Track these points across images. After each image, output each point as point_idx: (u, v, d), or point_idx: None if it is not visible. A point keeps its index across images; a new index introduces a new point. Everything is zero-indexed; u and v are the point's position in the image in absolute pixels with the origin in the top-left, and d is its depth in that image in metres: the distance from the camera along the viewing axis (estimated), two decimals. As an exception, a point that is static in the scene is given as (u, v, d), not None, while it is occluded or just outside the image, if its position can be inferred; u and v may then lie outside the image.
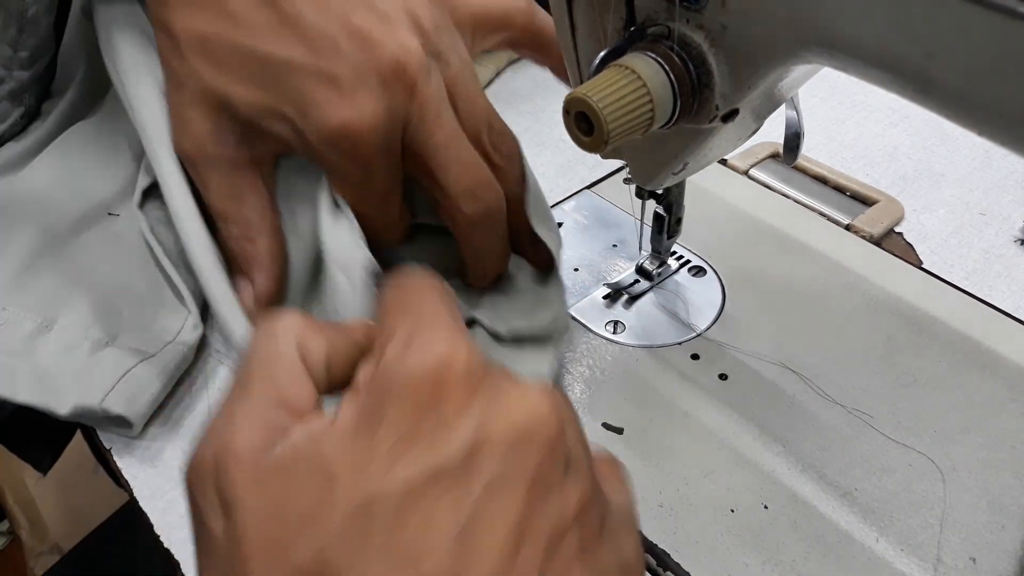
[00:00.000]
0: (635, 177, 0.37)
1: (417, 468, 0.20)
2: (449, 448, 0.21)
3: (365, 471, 0.20)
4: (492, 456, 0.21)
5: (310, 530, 0.20)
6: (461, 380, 0.22)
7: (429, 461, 0.20)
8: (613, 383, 0.39)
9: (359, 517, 0.20)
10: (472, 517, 0.20)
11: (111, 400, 0.35)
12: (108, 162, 0.45)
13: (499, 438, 0.21)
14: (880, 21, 0.23)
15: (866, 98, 0.59)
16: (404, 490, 0.20)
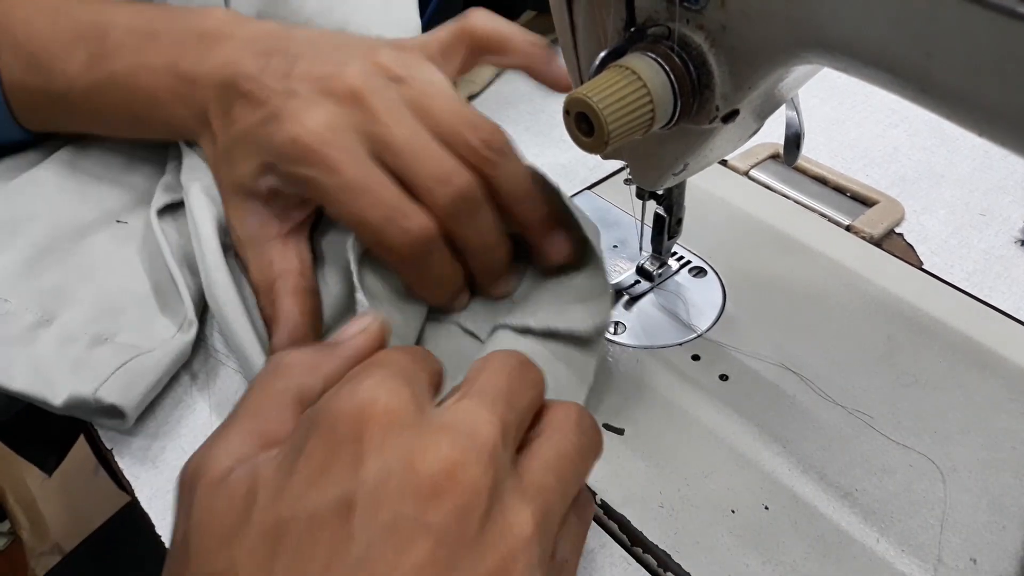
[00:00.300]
0: (635, 178, 0.37)
1: (324, 499, 0.22)
2: (354, 483, 0.22)
3: (279, 497, 0.22)
4: (398, 498, 0.22)
5: (228, 545, 0.22)
6: (381, 421, 0.23)
7: (336, 493, 0.22)
8: (614, 384, 0.39)
9: (268, 538, 0.22)
10: (369, 555, 0.21)
11: (105, 390, 0.35)
12: (120, 178, 0.46)
13: (407, 482, 0.22)
14: (880, 21, 0.23)
15: (866, 98, 0.59)
16: (309, 517, 0.22)
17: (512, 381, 0.27)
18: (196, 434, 0.38)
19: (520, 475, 0.24)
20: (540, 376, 0.28)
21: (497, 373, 0.27)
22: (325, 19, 0.47)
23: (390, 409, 0.23)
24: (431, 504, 0.22)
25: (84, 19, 0.42)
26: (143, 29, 0.41)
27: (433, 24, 0.54)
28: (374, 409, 0.23)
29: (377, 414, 0.23)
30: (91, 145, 0.47)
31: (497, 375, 0.27)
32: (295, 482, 0.23)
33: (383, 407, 0.23)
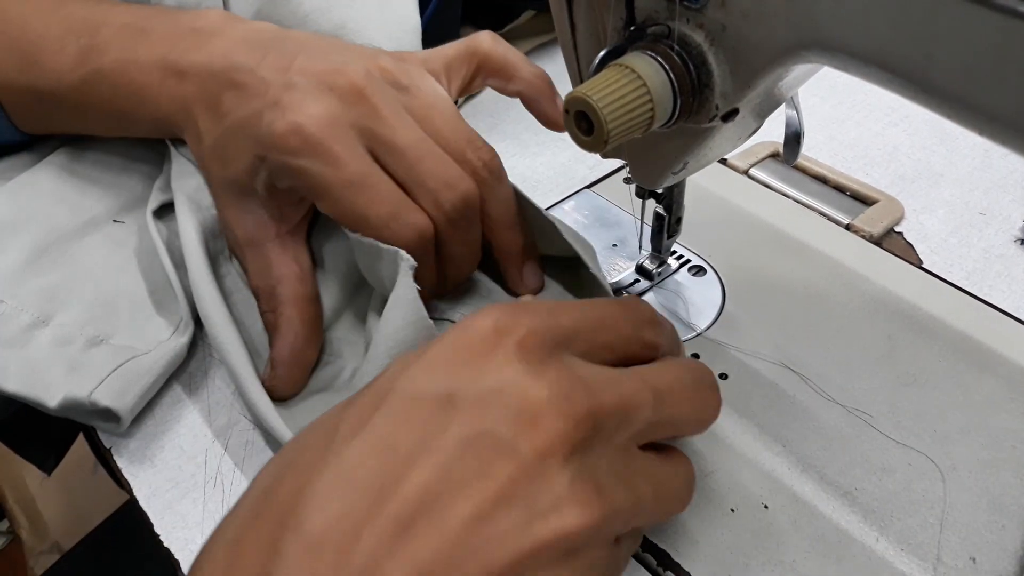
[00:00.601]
0: (635, 176, 0.37)
1: (432, 386, 0.24)
2: (464, 385, 0.24)
3: (401, 372, 0.25)
4: (498, 415, 0.23)
5: (346, 403, 0.26)
6: (510, 345, 0.25)
7: (445, 386, 0.24)
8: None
9: (375, 399, 0.24)
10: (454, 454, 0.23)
11: (100, 393, 0.35)
12: (116, 180, 0.46)
13: (512, 404, 0.23)
14: (880, 21, 0.23)
15: (866, 98, 0.59)
16: (412, 396, 0.24)
17: (684, 391, 0.28)
18: (194, 433, 0.38)
19: (622, 461, 0.25)
20: (715, 406, 0.29)
21: (675, 373, 0.28)
22: (323, 16, 0.46)
23: (527, 339, 0.25)
24: (525, 432, 0.23)
25: (77, 15, 0.42)
26: (135, 25, 0.41)
27: (433, 24, 0.54)
28: (513, 334, 0.25)
29: (514, 338, 0.25)
30: (88, 147, 0.47)
31: (673, 374, 0.28)
32: (417, 365, 0.25)
33: (520, 335, 0.25)
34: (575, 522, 0.23)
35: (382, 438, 0.23)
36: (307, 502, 0.22)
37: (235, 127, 0.36)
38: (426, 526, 0.22)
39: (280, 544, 0.22)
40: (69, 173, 0.45)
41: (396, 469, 0.23)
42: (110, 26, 0.41)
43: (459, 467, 0.23)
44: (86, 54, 0.40)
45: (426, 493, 0.22)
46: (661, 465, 0.27)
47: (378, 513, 0.22)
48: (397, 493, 0.22)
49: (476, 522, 0.22)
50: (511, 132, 0.56)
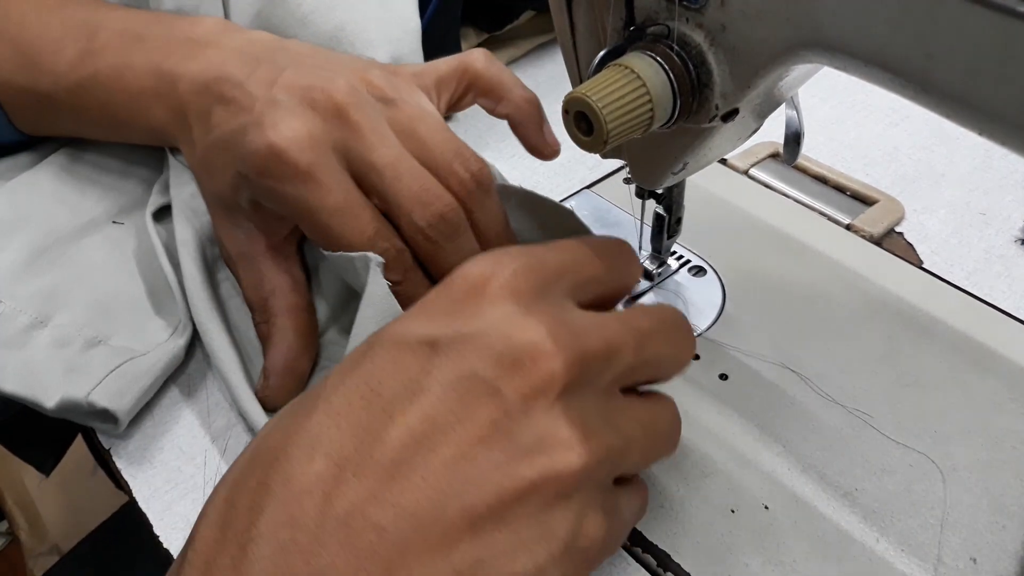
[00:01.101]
0: (635, 177, 0.37)
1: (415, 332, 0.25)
2: (448, 330, 0.24)
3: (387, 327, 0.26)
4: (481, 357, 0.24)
5: None
6: (496, 289, 0.25)
7: (428, 331, 0.24)
8: (613, 383, 0.39)
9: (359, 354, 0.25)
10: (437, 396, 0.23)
11: (98, 394, 0.35)
12: (116, 181, 0.46)
13: (495, 346, 0.24)
14: (880, 21, 0.23)
15: (866, 98, 0.59)
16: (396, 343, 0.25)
17: (663, 332, 0.28)
18: (193, 434, 0.38)
19: (608, 403, 0.26)
20: (690, 348, 0.30)
21: (652, 316, 0.28)
22: (323, 18, 0.46)
23: (511, 284, 0.25)
24: (508, 375, 0.23)
25: (76, 18, 0.42)
26: (132, 31, 0.40)
27: (433, 25, 0.54)
28: (497, 279, 0.25)
29: (498, 284, 0.25)
30: (87, 149, 0.47)
31: (651, 317, 0.28)
32: (406, 314, 0.26)
33: (504, 280, 0.25)
34: (562, 463, 0.23)
35: (368, 382, 0.24)
36: (296, 445, 0.23)
37: (220, 142, 0.36)
38: (410, 471, 0.22)
39: (269, 487, 0.22)
40: (68, 174, 0.46)
41: (381, 414, 0.23)
42: (107, 30, 0.41)
43: (443, 410, 0.23)
44: (83, 57, 0.40)
45: (411, 438, 0.22)
46: (646, 406, 0.28)
47: (364, 459, 0.22)
48: (382, 439, 0.22)
49: (459, 464, 0.22)
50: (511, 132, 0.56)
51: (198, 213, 0.41)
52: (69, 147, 0.47)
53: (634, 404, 0.27)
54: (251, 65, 0.37)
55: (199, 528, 0.23)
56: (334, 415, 0.23)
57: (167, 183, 0.43)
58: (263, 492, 0.22)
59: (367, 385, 0.24)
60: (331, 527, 0.21)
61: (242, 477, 0.23)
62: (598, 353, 0.25)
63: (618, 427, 0.25)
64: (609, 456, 0.24)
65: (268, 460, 0.23)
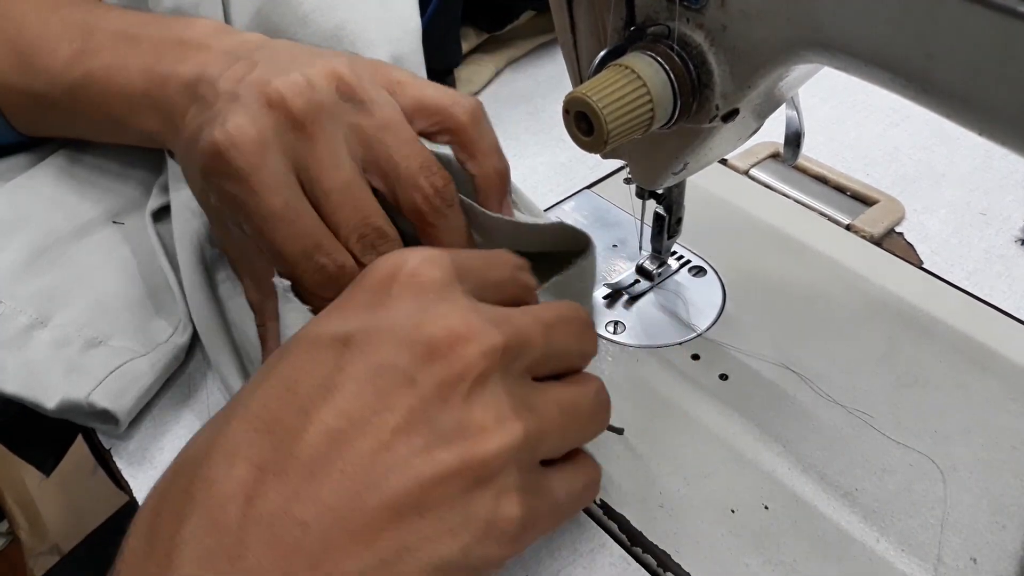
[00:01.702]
0: (635, 177, 0.37)
1: (329, 329, 0.25)
2: (360, 324, 0.25)
3: (304, 328, 0.26)
4: (394, 347, 0.24)
5: None
6: (406, 280, 0.25)
7: (341, 327, 0.25)
8: (613, 383, 0.39)
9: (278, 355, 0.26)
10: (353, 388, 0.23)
11: (97, 394, 0.35)
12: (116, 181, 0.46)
13: (408, 336, 0.24)
14: (880, 21, 0.23)
15: (866, 98, 0.59)
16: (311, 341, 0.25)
17: (567, 324, 0.28)
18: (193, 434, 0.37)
19: (522, 388, 0.26)
20: (594, 338, 0.30)
21: (555, 310, 0.29)
22: (323, 17, 0.46)
23: (419, 274, 0.26)
24: (423, 363, 0.24)
25: (73, 18, 0.42)
26: (127, 32, 0.40)
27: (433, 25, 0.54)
28: (405, 270, 0.26)
29: (405, 274, 0.26)
30: (86, 150, 0.47)
31: (554, 311, 0.28)
32: (319, 315, 0.26)
33: (412, 270, 0.26)
34: (479, 448, 0.23)
35: (284, 383, 0.24)
36: (217, 452, 0.23)
37: (187, 141, 0.35)
38: (329, 466, 0.22)
39: (192, 494, 0.22)
40: (68, 175, 0.46)
41: (298, 413, 0.23)
42: (103, 31, 0.41)
43: (358, 404, 0.23)
44: (78, 57, 0.40)
45: (328, 434, 0.23)
46: (565, 388, 0.28)
47: (283, 457, 0.22)
48: (300, 438, 0.23)
49: (378, 455, 0.23)
50: (511, 132, 0.56)
51: (197, 214, 0.41)
52: (69, 148, 0.47)
53: (551, 387, 0.28)
54: (229, 63, 0.36)
55: (128, 540, 0.23)
56: (252, 419, 0.23)
57: (166, 184, 0.43)
58: (186, 500, 0.22)
59: (283, 386, 0.24)
60: (254, 528, 0.22)
61: (166, 487, 0.24)
62: (510, 341, 0.25)
63: (535, 410, 0.26)
64: (527, 439, 0.25)
65: (191, 469, 0.23)
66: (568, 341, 0.29)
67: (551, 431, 0.26)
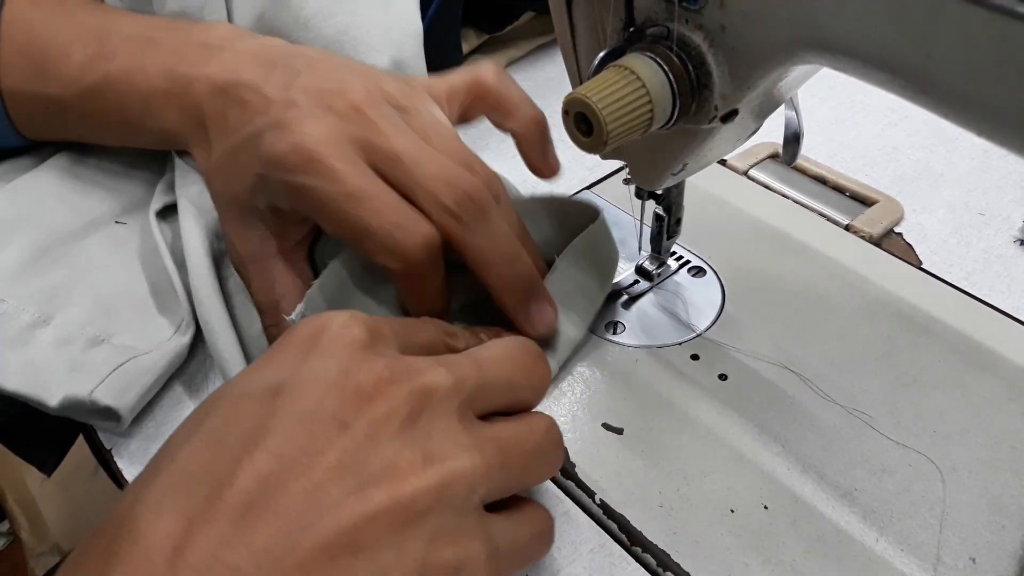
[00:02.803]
0: (635, 177, 0.37)
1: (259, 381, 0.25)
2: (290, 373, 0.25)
3: (230, 382, 0.26)
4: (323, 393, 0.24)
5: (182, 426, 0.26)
6: (335, 333, 0.26)
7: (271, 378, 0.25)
8: (613, 383, 0.39)
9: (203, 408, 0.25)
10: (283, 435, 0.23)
11: (100, 392, 0.35)
12: (119, 180, 0.46)
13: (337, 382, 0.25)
14: (879, 21, 0.23)
15: (865, 98, 0.59)
16: (240, 394, 0.25)
17: (505, 356, 0.29)
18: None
19: (459, 428, 0.26)
20: (542, 371, 0.30)
21: (494, 347, 0.29)
22: (325, 22, 0.46)
23: (347, 330, 0.26)
24: (351, 406, 0.24)
25: (87, 24, 0.42)
26: (144, 36, 0.41)
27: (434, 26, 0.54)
28: (331, 326, 0.26)
29: (332, 329, 0.26)
30: (90, 150, 0.47)
31: (492, 348, 0.29)
32: (245, 370, 0.27)
33: (341, 325, 0.26)
34: (409, 487, 0.23)
35: (213, 435, 0.24)
36: (142, 506, 0.22)
37: (239, 145, 0.36)
38: (262, 510, 0.22)
39: (115, 552, 0.22)
40: (71, 175, 0.46)
41: (229, 460, 0.23)
42: (118, 35, 0.41)
43: (290, 447, 0.23)
44: (93, 62, 0.40)
45: (259, 478, 0.22)
46: (506, 426, 0.28)
47: (213, 505, 0.22)
48: (232, 483, 0.22)
49: (310, 496, 0.22)
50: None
51: (205, 211, 0.41)
52: (72, 148, 0.47)
53: (493, 426, 0.27)
54: (266, 68, 0.37)
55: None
56: (179, 471, 0.23)
57: (171, 183, 0.44)
58: (109, 558, 0.22)
59: (212, 437, 0.24)
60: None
61: (86, 548, 0.23)
62: (439, 380, 0.26)
63: (469, 449, 0.25)
64: (458, 478, 0.24)
65: (114, 526, 0.23)
66: (509, 374, 0.28)
67: (488, 470, 0.25)
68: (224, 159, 0.37)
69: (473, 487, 0.25)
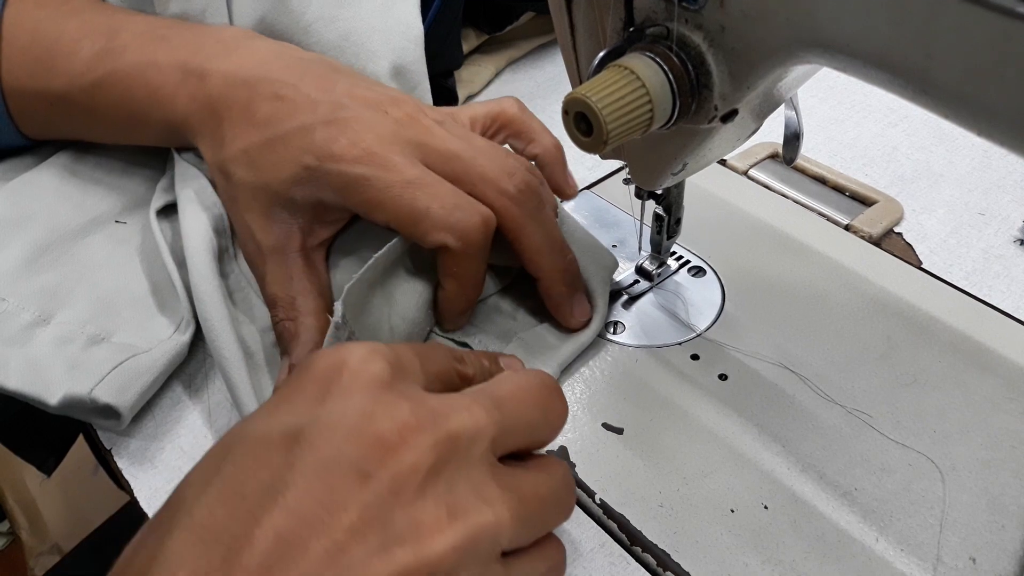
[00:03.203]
0: (635, 177, 0.37)
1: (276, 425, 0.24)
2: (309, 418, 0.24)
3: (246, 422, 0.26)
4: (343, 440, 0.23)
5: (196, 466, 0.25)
6: (353, 372, 0.25)
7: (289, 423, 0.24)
8: (613, 383, 0.39)
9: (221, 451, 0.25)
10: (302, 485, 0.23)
11: (100, 390, 0.35)
12: (119, 179, 0.46)
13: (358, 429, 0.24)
14: (879, 21, 0.23)
15: (865, 98, 0.59)
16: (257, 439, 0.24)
17: (525, 396, 0.28)
18: (194, 434, 0.38)
19: (481, 477, 0.25)
20: (561, 409, 0.29)
21: (511, 383, 0.28)
22: (327, 27, 0.46)
23: (367, 366, 0.25)
24: (374, 456, 0.23)
25: (95, 21, 0.42)
26: (154, 32, 0.41)
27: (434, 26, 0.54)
28: (350, 362, 0.25)
29: (352, 366, 0.25)
30: (90, 149, 0.47)
31: (510, 384, 0.28)
32: (261, 409, 0.26)
33: (361, 360, 0.25)
34: (438, 545, 0.23)
35: (230, 486, 0.23)
36: (158, 569, 0.22)
37: (280, 137, 0.37)
38: (283, 571, 0.21)
39: None
40: (71, 174, 0.46)
41: (246, 517, 0.22)
42: (128, 32, 0.41)
43: (309, 502, 0.22)
44: (101, 57, 0.41)
45: (279, 537, 0.22)
46: (526, 474, 0.27)
47: (232, 567, 0.21)
48: (249, 544, 0.21)
49: (333, 557, 0.22)
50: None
51: (206, 207, 0.41)
52: (72, 147, 0.47)
53: (512, 474, 0.27)
54: (298, 69, 0.38)
55: None
56: (196, 528, 0.22)
57: (171, 181, 0.44)
58: None
59: (230, 490, 0.23)
60: None
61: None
62: (463, 428, 0.25)
63: (491, 500, 0.25)
64: (484, 533, 0.24)
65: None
66: (530, 415, 0.28)
67: (512, 522, 0.25)
68: (256, 149, 0.37)
69: (497, 540, 0.25)
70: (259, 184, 0.37)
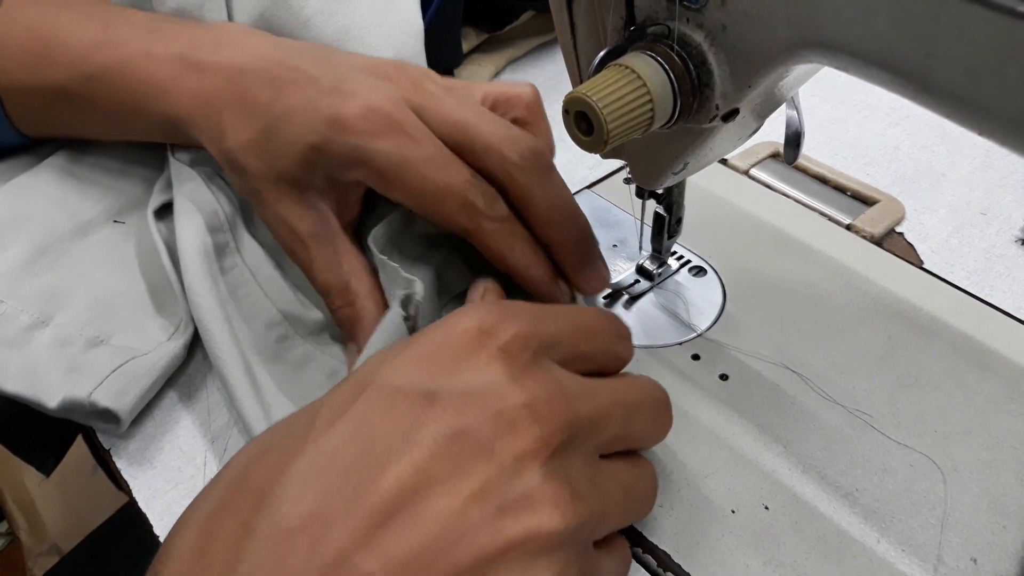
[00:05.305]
0: (635, 177, 0.37)
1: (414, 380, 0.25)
2: (446, 383, 0.24)
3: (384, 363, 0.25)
4: (478, 415, 0.24)
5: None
6: (493, 344, 0.25)
7: (426, 383, 0.24)
8: (613, 383, 0.39)
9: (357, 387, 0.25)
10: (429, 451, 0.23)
11: (99, 393, 0.35)
12: (117, 180, 0.46)
13: (492, 406, 0.24)
14: (880, 21, 0.23)
15: (866, 98, 0.59)
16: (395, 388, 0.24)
17: (649, 407, 0.29)
18: (193, 435, 0.38)
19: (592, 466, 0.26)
20: (669, 425, 0.31)
21: (640, 391, 0.29)
22: (326, 22, 0.46)
23: (508, 340, 0.25)
24: (503, 435, 0.24)
25: (92, 15, 0.42)
26: (151, 26, 0.41)
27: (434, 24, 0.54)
28: (494, 337, 0.25)
29: (494, 342, 0.25)
30: (87, 149, 0.47)
31: (639, 392, 0.29)
32: (401, 358, 0.25)
33: (505, 340, 0.25)
34: (547, 522, 0.23)
35: (361, 428, 0.24)
36: (283, 487, 0.22)
37: (281, 118, 0.36)
38: (400, 521, 0.22)
39: (253, 527, 0.22)
40: (69, 175, 0.46)
41: (374, 461, 0.23)
42: (125, 24, 0.41)
43: (436, 464, 0.23)
44: (99, 48, 0.40)
45: (402, 488, 0.22)
46: (628, 469, 0.28)
47: (354, 505, 0.22)
48: (374, 486, 0.22)
49: (449, 518, 0.22)
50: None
51: (200, 207, 0.41)
52: (70, 147, 0.47)
53: (616, 467, 0.28)
54: (297, 52, 0.38)
55: (167, 561, 0.23)
56: (326, 456, 0.23)
57: (168, 181, 0.43)
58: (246, 532, 0.22)
59: (361, 431, 0.23)
60: (317, 573, 0.21)
61: (221, 511, 0.23)
62: (587, 420, 0.26)
63: (601, 490, 0.26)
64: (591, 517, 0.25)
65: (253, 498, 0.23)
66: (645, 425, 0.29)
67: (612, 512, 0.26)
68: (259, 137, 0.36)
69: (596, 528, 0.26)
70: (275, 171, 0.36)
